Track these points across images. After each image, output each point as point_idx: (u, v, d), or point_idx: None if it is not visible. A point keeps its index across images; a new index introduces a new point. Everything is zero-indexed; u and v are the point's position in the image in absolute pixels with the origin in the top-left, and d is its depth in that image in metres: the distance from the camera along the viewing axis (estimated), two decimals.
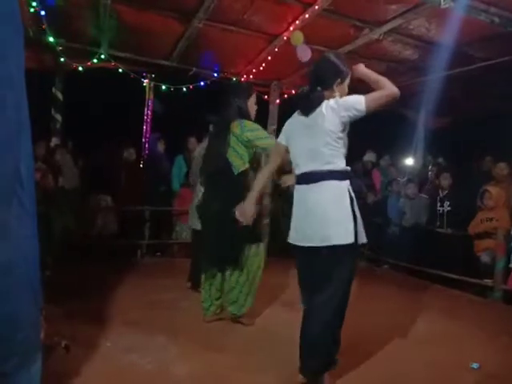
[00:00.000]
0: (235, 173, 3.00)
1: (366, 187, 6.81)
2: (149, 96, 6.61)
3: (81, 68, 5.52)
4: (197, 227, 3.93)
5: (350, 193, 2.18)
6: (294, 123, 2.35)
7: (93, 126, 7.72)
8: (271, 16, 4.47)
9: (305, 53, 4.63)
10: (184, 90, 6.13)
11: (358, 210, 2.20)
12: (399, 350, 2.86)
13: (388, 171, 7.49)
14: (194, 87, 6.13)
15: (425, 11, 3.97)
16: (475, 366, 2.61)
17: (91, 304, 3.39)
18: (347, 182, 2.20)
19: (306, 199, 2.24)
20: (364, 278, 4.56)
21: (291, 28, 4.59)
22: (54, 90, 5.91)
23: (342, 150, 2.21)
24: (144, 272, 4.86)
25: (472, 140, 7.56)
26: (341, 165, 2.19)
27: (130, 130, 7.01)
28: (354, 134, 2.26)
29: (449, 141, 7.91)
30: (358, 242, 2.14)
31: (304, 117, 2.27)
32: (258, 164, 3.21)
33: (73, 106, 6.38)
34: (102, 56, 5.44)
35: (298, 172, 2.30)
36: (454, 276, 4.83)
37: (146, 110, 6.73)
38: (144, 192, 5.77)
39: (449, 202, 5.46)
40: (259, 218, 3.80)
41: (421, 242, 5.40)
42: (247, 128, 2.99)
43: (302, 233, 2.24)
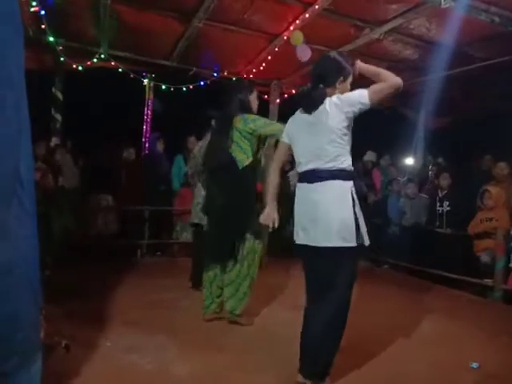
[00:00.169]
0: (240, 167, 3.01)
1: (366, 187, 6.81)
2: (149, 96, 6.62)
3: (81, 68, 5.52)
4: (201, 222, 3.91)
5: (353, 194, 2.16)
6: (297, 121, 2.33)
7: (93, 126, 7.72)
8: (271, 16, 4.46)
9: (304, 53, 4.63)
10: (184, 89, 6.13)
11: (361, 212, 2.18)
12: (399, 350, 2.86)
13: (388, 171, 7.49)
14: (193, 87, 6.13)
15: (425, 11, 3.97)
16: (475, 365, 2.61)
17: (91, 304, 3.39)
18: (351, 183, 2.17)
19: (308, 198, 2.21)
20: (364, 277, 4.54)
21: (291, 28, 4.59)
22: (53, 89, 5.92)
23: (347, 148, 2.19)
24: (144, 272, 4.86)
25: (472, 140, 7.56)
26: (346, 163, 2.17)
27: (130, 130, 7.01)
28: (354, 133, 2.25)
29: (449, 140, 7.91)
30: (359, 244, 2.12)
31: (306, 115, 2.24)
32: (259, 163, 3.21)
33: (73, 105, 6.38)
34: (102, 56, 5.44)
35: (300, 170, 2.28)
36: (453, 276, 4.83)
37: (145, 109, 6.73)
38: (144, 192, 5.78)
39: (448, 201, 5.46)
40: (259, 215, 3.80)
41: (421, 241, 5.40)
42: (250, 119, 3.00)
43: (304, 232, 2.23)
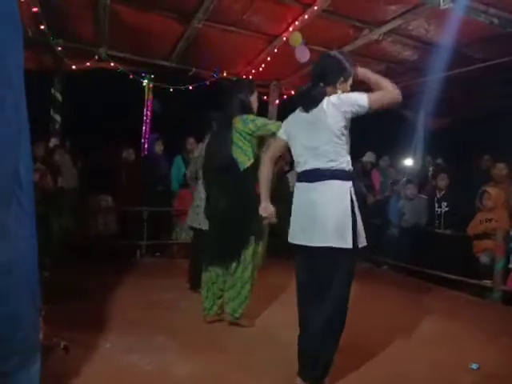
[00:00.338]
0: (241, 169, 3.00)
1: (365, 188, 6.81)
2: (148, 96, 6.61)
3: (80, 68, 5.51)
4: (197, 226, 3.92)
5: (352, 195, 2.15)
6: (296, 120, 2.32)
7: (92, 127, 7.72)
8: (271, 17, 4.47)
9: (303, 54, 4.63)
10: (183, 90, 6.13)
11: (359, 213, 2.17)
12: (398, 351, 2.86)
13: (387, 172, 7.50)
14: (193, 88, 6.13)
15: (424, 12, 3.98)
16: (475, 366, 2.61)
17: (90, 304, 3.39)
18: (350, 184, 2.16)
19: (307, 197, 2.20)
20: (364, 278, 4.55)
21: (291, 29, 4.59)
22: (52, 90, 5.91)
23: (346, 147, 2.18)
24: (143, 272, 4.85)
25: (471, 140, 7.57)
26: (344, 163, 2.16)
27: (130, 131, 7.01)
28: (353, 134, 2.25)
29: (448, 141, 7.92)
30: (356, 246, 2.11)
31: (306, 113, 2.23)
32: (259, 164, 3.20)
33: (72, 106, 6.37)
34: (102, 56, 5.44)
35: (299, 170, 2.27)
36: (453, 277, 4.83)
37: (145, 110, 6.73)
38: (143, 192, 5.77)
39: (446, 202, 5.48)
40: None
41: (420, 242, 5.40)
42: (249, 120, 2.99)
43: (302, 232, 2.21)
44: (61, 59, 5.35)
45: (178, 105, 6.86)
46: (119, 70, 5.66)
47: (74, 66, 5.46)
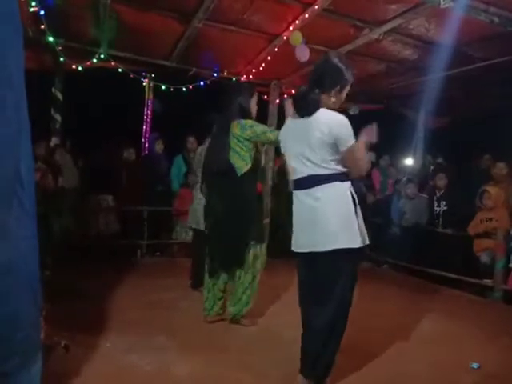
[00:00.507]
0: (239, 174, 2.97)
1: (365, 187, 6.81)
2: (148, 96, 6.61)
3: (80, 68, 5.51)
4: (197, 227, 3.93)
5: (352, 194, 2.14)
6: (289, 127, 2.32)
7: (92, 126, 7.71)
8: (271, 16, 4.46)
9: (303, 53, 4.62)
10: (184, 90, 6.13)
11: (360, 212, 2.17)
12: (399, 350, 2.86)
13: (387, 171, 7.50)
14: (193, 87, 6.12)
15: (424, 11, 3.97)
16: (475, 365, 2.61)
17: (91, 304, 3.39)
18: (349, 183, 2.16)
19: (306, 204, 2.18)
20: (364, 277, 4.53)
21: (291, 28, 4.58)
22: (53, 90, 5.90)
23: (338, 156, 2.14)
24: (144, 272, 4.86)
25: (471, 140, 7.56)
26: (339, 165, 2.15)
27: (130, 130, 7.01)
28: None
29: (448, 140, 7.91)
30: (360, 244, 2.11)
31: (299, 119, 2.21)
32: (258, 164, 3.19)
33: (72, 105, 6.37)
34: (102, 56, 5.44)
35: (294, 177, 2.25)
36: (453, 276, 4.83)
37: (145, 109, 6.73)
38: (143, 192, 5.78)
39: (445, 201, 5.49)
40: (262, 218, 3.79)
41: (421, 242, 5.40)
42: (247, 125, 2.97)
43: (304, 239, 2.20)
44: (60, 59, 5.35)
45: (178, 104, 6.85)
46: (120, 70, 5.66)
47: (74, 66, 5.45)
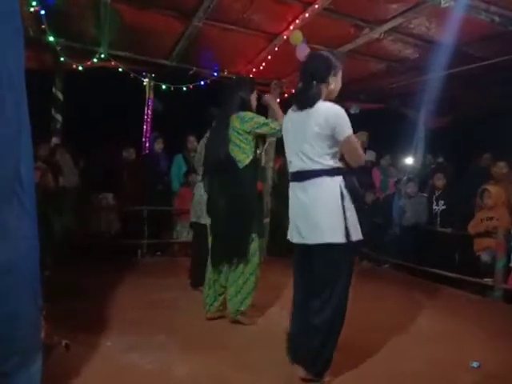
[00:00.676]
0: (240, 167, 3.00)
1: (365, 186, 6.79)
2: (149, 95, 6.61)
3: (81, 67, 5.52)
4: (198, 220, 3.92)
5: (342, 189, 2.18)
6: (289, 120, 2.38)
7: (93, 126, 7.71)
8: (271, 15, 4.46)
9: (304, 52, 4.61)
10: (184, 89, 6.13)
11: (353, 207, 2.20)
12: (399, 349, 2.86)
13: (388, 171, 7.49)
14: (193, 86, 6.12)
15: (425, 10, 3.97)
16: (475, 364, 2.60)
17: (91, 303, 3.40)
18: (339, 178, 2.20)
19: (298, 197, 2.27)
20: (364, 277, 4.57)
21: (291, 27, 4.59)
22: (54, 89, 5.90)
23: (335, 149, 2.21)
24: (144, 271, 4.86)
25: (472, 139, 7.56)
26: (333, 160, 2.21)
27: (131, 130, 7.01)
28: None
29: (449, 140, 7.91)
30: (349, 239, 2.14)
31: (297, 113, 2.29)
32: (258, 163, 3.20)
33: (73, 105, 6.36)
34: (102, 55, 5.44)
35: (291, 170, 2.33)
36: (454, 275, 4.83)
37: (146, 109, 6.73)
38: (143, 191, 5.78)
39: (443, 200, 5.49)
40: (261, 214, 3.79)
41: (421, 241, 5.40)
42: (247, 118, 2.98)
43: (297, 230, 2.28)
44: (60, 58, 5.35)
45: (178, 104, 6.84)
46: (120, 69, 5.66)
47: (74, 65, 5.45)
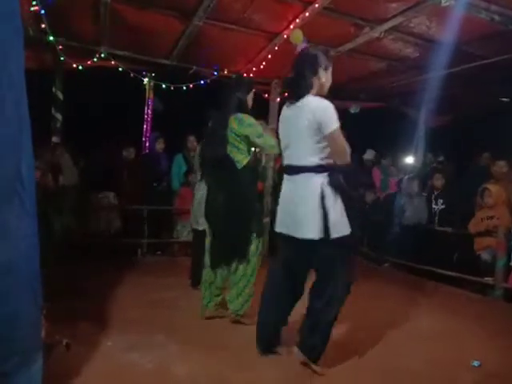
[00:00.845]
0: (239, 168, 2.99)
1: (365, 186, 6.79)
2: (149, 95, 6.61)
3: (81, 67, 5.51)
4: (196, 227, 3.94)
5: (324, 188, 2.20)
6: (282, 116, 2.48)
7: (93, 125, 7.72)
8: (271, 14, 4.46)
9: None
10: (184, 88, 6.12)
11: (338, 204, 2.22)
12: (399, 347, 2.86)
13: (388, 170, 7.48)
14: (194, 86, 6.12)
15: (426, 9, 3.96)
16: (476, 363, 2.61)
17: (92, 303, 3.40)
18: (323, 176, 2.23)
19: (285, 190, 2.40)
20: (364, 276, 4.57)
21: (291, 26, 4.58)
22: (54, 89, 5.90)
23: (322, 145, 2.24)
24: (144, 271, 4.86)
25: (472, 138, 7.55)
26: (319, 157, 2.24)
27: (131, 129, 7.01)
28: (354, 132, 2.26)
29: (449, 138, 7.90)
30: (329, 236, 2.16)
31: (290, 108, 2.38)
32: (259, 163, 3.20)
33: (73, 105, 6.36)
34: (102, 55, 5.44)
35: (284, 163, 2.44)
36: (454, 274, 4.83)
37: (146, 108, 6.73)
38: (143, 191, 5.78)
39: (442, 200, 5.50)
40: (261, 214, 3.78)
41: (421, 240, 5.40)
42: (245, 123, 2.97)
43: (282, 221, 2.41)
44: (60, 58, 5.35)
45: (178, 103, 6.84)
46: (120, 69, 5.66)
47: (74, 65, 5.45)
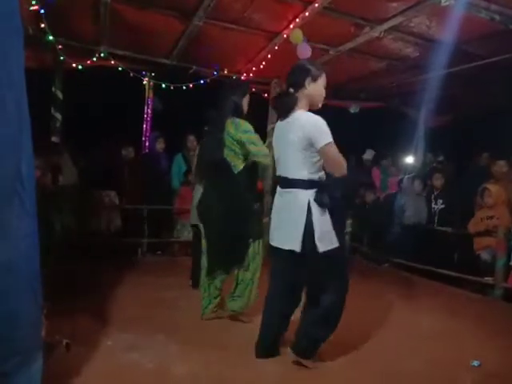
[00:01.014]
0: (235, 172, 2.98)
1: (365, 186, 6.79)
2: (148, 94, 6.60)
3: (80, 67, 5.51)
4: (197, 222, 3.92)
5: (310, 203, 2.22)
6: (276, 129, 2.49)
7: (92, 125, 7.70)
8: (271, 14, 4.46)
9: (305, 51, 4.62)
10: (184, 88, 6.12)
11: (325, 218, 2.24)
12: (398, 347, 2.86)
13: (388, 170, 7.48)
14: (193, 85, 6.12)
15: (426, 9, 3.97)
16: (476, 363, 2.61)
17: (92, 302, 3.39)
18: (310, 192, 2.24)
19: (275, 203, 2.46)
20: (364, 276, 4.57)
21: (291, 26, 4.58)
22: (53, 88, 5.90)
23: (313, 160, 2.26)
24: (145, 270, 4.86)
25: (472, 138, 7.55)
26: (305, 173, 2.26)
27: (130, 129, 7.00)
28: (354, 132, 2.26)
29: (449, 138, 7.90)
30: (316, 250, 2.20)
31: (282, 123, 2.40)
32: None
33: (72, 104, 6.36)
34: (102, 54, 5.44)
35: (277, 174, 2.47)
36: (454, 274, 4.83)
37: (145, 108, 6.73)
38: (143, 191, 5.77)
39: (442, 199, 5.50)
40: (260, 215, 3.76)
41: (421, 240, 5.40)
42: (242, 128, 2.95)
43: (272, 233, 2.46)
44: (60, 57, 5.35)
45: (178, 103, 6.84)
46: (120, 68, 5.66)
47: (74, 64, 5.45)
